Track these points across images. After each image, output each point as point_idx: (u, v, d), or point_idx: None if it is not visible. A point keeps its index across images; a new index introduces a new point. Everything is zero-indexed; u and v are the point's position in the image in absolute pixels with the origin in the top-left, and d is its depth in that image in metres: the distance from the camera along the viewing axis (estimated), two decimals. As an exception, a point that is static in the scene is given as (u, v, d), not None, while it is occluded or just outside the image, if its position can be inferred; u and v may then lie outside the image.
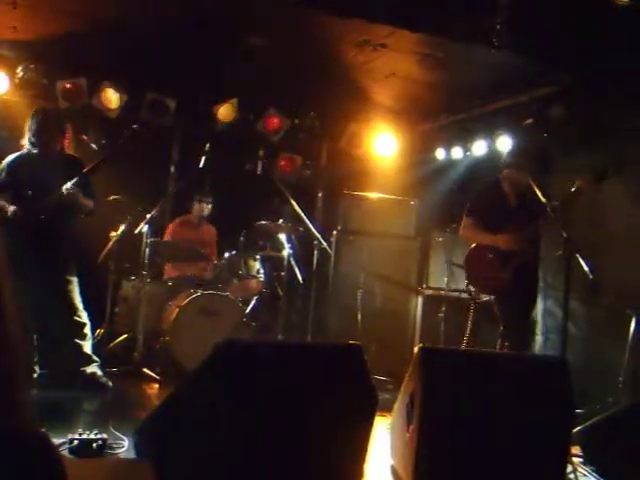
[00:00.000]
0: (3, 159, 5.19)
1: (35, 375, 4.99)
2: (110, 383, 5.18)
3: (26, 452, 1.01)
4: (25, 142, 5.15)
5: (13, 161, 5.13)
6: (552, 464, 3.41)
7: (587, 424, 3.93)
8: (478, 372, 3.41)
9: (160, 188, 7.65)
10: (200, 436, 2.80)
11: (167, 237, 6.99)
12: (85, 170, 5.02)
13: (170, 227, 7.12)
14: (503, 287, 5.10)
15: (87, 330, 5.18)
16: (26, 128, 5.14)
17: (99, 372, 5.19)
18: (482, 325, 6.11)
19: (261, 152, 7.60)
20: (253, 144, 7.68)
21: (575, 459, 3.83)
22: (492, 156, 7.08)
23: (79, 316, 5.13)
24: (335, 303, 7.14)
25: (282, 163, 8.20)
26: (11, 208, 4.90)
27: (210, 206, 7.12)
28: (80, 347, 5.12)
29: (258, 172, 7.56)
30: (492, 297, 5.32)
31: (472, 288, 5.53)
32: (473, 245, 5.31)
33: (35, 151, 5.11)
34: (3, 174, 5.08)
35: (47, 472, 1.03)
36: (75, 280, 5.15)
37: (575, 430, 3.73)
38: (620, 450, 3.69)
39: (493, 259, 5.09)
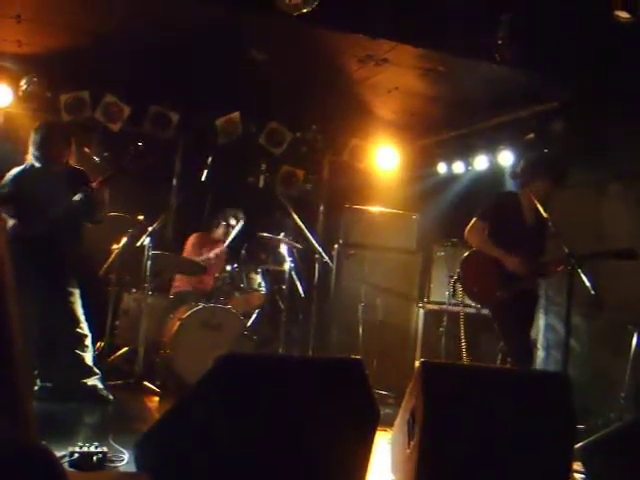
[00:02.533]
0: (7, 171, 5.19)
1: (36, 388, 4.98)
2: (111, 396, 5.16)
3: (30, 466, 1.02)
4: (29, 156, 5.14)
5: (17, 175, 5.12)
6: (554, 480, 3.40)
7: (589, 440, 3.91)
8: (479, 387, 3.40)
9: (162, 201, 7.67)
10: (200, 450, 2.80)
11: (186, 253, 6.95)
12: (95, 183, 5.01)
13: (188, 243, 7.08)
14: (496, 303, 4.97)
15: (88, 342, 5.17)
16: (30, 142, 5.13)
17: (100, 385, 5.18)
18: (482, 338, 6.10)
19: (263, 165, 7.62)
20: (255, 157, 7.70)
21: (577, 475, 3.82)
22: (493, 171, 7.10)
23: (81, 328, 5.13)
24: (336, 317, 7.14)
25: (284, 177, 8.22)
26: (10, 222, 4.89)
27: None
28: (81, 359, 5.11)
29: (260, 185, 7.59)
30: (489, 313, 5.21)
31: (460, 289, 5.31)
32: (474, 249, 5.11)
33: (39, 165, 5.11)
34: (7, 188, 5.08)
35: None
36: (77, 292, 5.15)
37: (577, 446, 3.71)
38: (622, 466, 3.67)
39: (493, 273, 4.90)
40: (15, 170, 5.16)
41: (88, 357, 5.16)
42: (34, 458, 1.03)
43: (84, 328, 5.15)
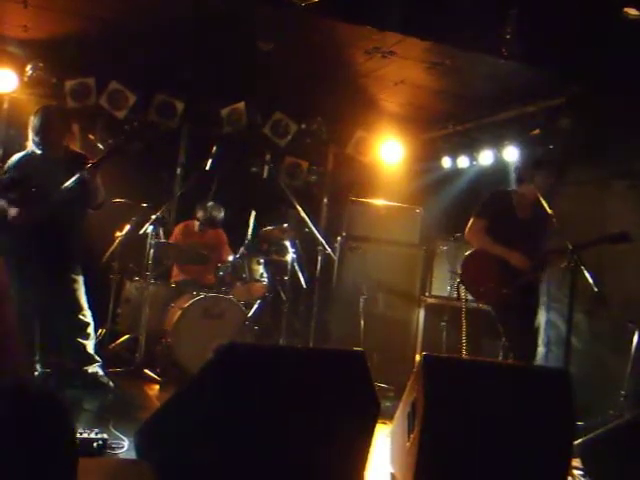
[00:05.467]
0: (12, 157, 5.18)
1: (36, 373, 4.98)
2: (112, 383, 5.16)
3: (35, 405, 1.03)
4: (29, 142, 5.10)
5: (19, 160, 5.09)
6: (552, 476, 3.40)
7: (588, 437, 3.92)
8: (480, 382, 3.41)
9: (166, 190, 7.67)
10: (201, 438, 2.80)
11: (171, 241, 6.99)
12: (89, 166, 4.96)
13: (174, 232, 7.12)
14: (500, 301, 4.97)
15: (90, 330, 5.16)
16: (29, 127, 5.09)
17: (101, 372, 5.18)
18: (484, 334, 6.09)
19: (267, 156, 7.61)
20: (260, 148, 7.69)
21: (576, 472, 3.83)
22: (498, 166, 7.08)
23: (83, 315, 5.11)
24: (338, 309, 7.13)
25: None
26: (12, 211, 4.86)
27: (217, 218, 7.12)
28: (83, 346, 5.10)
29: (264, 176, 7.58)
30: (491, 309, 5.20)
31: (463, 291, 5.32)
32: (474, 249, 5.16)
33: (39, 150, 5.07)
34: (9, 173, 5.04)
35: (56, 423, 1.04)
36: (80, 279, 5.14)
37: (576, 442, 3.72)
38: (621, 463, 3.67)
39: (495, 270, 4.94)
40: (16, 156, 5.13)
41: (90, 345, 5.16)
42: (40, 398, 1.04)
43: (87, 315, 5.14)
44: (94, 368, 5.14)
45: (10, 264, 5.00)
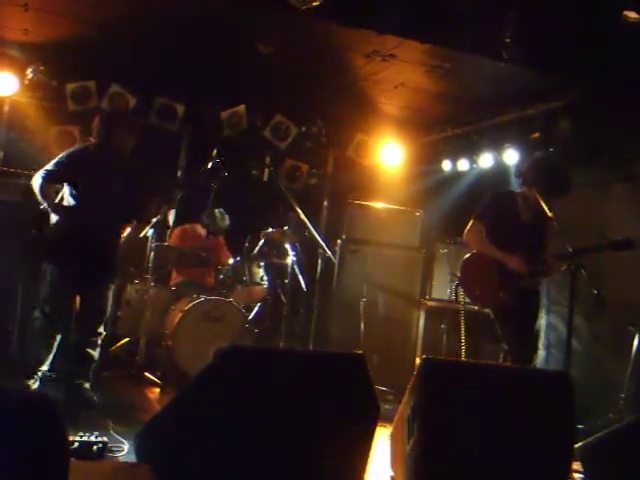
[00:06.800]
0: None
1: (40, 374, 4.91)
2: (96, 398, 4.93)
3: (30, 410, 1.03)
4: (91, 139, 5.01)
5: (72, 155, 4.96)
6: (553, 479, 3.40)
7: (588, 440, 3.91)
8: (480, 385, 3.40)
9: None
10: (201, 442, 2.80)
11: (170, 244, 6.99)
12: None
13: (173, 236, 7.10)
14: (497, 304, 4.96)
15: (100, 340, 5.03)
16: (94, 130, 5.02)
17: (87, 386, 4.97)
18: (485, 338, 6.09)
19: (268, 159, 7.61)
20: (260, 151, 7.69)
21: (576, 475, 3.83)
22: (498, 169, 7.09)
23: (103, 324, 5.02)
24: (338, 312, 7.13)
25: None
26: (53, 218, 4.82)
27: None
28: (89, 358, 4.95)
29: (264, 179, 7.58)
30: (491, 314, 5.18)
31: (461, 293, 5.29)
32: (474, 251, 5.10)
33: (99, 153, 4.96)
34: (62, 166, 4.88)
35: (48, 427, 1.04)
36: (113, 287, 5.11)
37: (576, 446, 3.71)
38: (621, 467, 3.67)
39: (493, 274, 4.88)
40: (71, 150, 5.02)
41: (95, 357, 4.99)
42: (34, 403, 1.05)
43: (103, 326, 5.04)
44: (83, 382, 4.96)
45: (47, 266, 4.95)
